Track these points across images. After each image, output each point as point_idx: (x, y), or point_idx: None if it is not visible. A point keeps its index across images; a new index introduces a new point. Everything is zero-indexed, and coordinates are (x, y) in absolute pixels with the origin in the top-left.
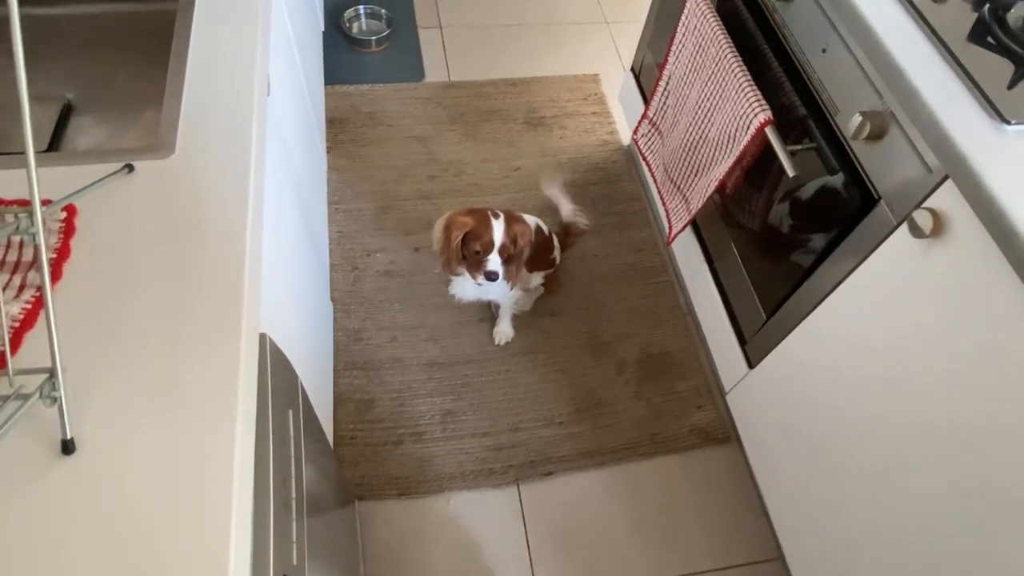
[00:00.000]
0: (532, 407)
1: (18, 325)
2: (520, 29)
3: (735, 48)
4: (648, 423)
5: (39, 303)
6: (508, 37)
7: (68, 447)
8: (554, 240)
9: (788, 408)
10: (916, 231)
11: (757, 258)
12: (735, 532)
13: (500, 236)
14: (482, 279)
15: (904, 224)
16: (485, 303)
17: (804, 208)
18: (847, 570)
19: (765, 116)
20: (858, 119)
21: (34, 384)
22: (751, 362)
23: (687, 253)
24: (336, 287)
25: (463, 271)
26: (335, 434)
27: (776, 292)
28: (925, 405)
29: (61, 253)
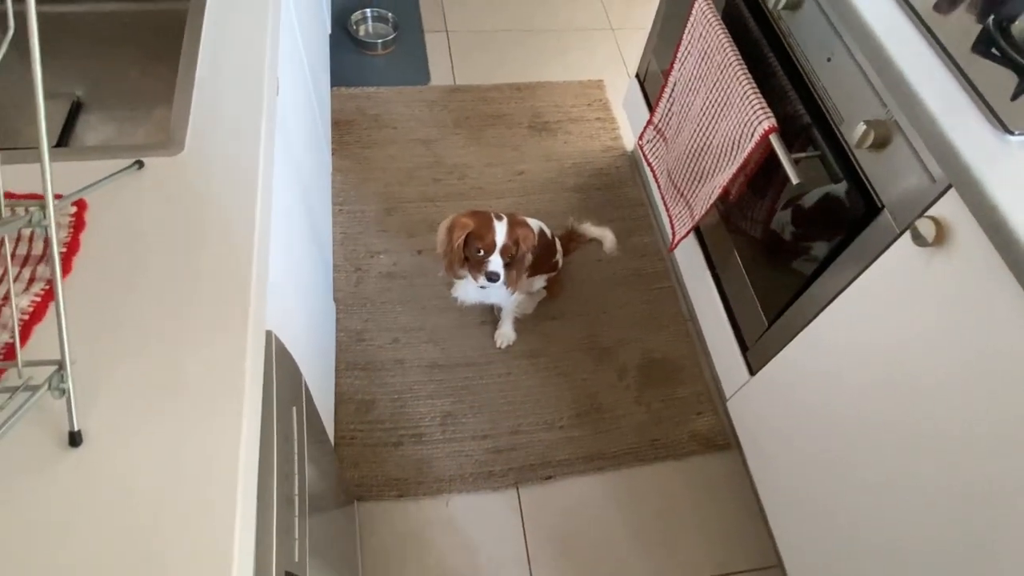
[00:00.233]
0: (532, 410)
1: (27, 318)
2: (526, 34)
3: (740, 56)
4: (648, 428)
5: (48, 296)
6: (513, 42)
7: (75, 439)
8: (557, 244)
9: (789, 415)
10: (919, 240)
11: (759, 265)
12: (734, 539)
13: (502, 237)
14: (483, 280)
15: (907, 232)
16: (487, 306)
17: (807, 216)
18: None
19: (769, 124)
20: (862, 128)
21: (43, 376)
22: (752, 369)
23: (689, 259)
24: (339, 288)
25: (465, 273)
26: (336, 434)
27: (778, 299)
28: (927, 413)
29: (71, 247)
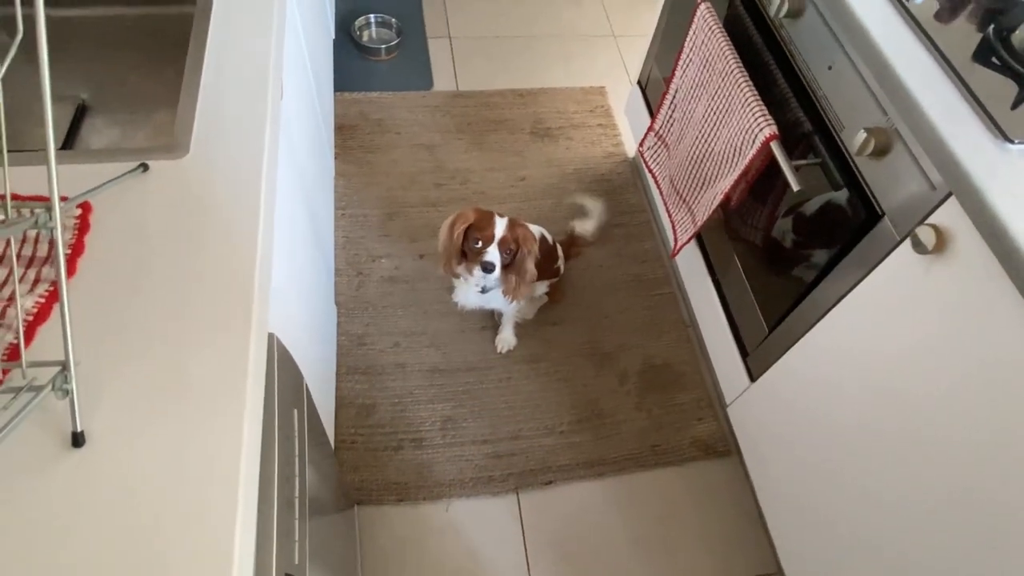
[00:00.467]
0: (533, 416)
1: (32, 318)
2: (528, 41)
3: (742, 63)
4: (649, 434)
5: (52, 297)
6: (516, 48)
7: (78, 440)
8: (558, 250)
9: (789, 422)
10: (919, 247)
11: (760, 272)
12: (734, 545)
13: (502, 231)
14: (478, 271)
15: (907, 240)
16: (488, 311)
17: (808, 223)
18: None
19: (770, 131)
20: (863, 135)
21: (46, 376)
22: (752, 375)
23: (690, 265)
24: (340, 291)
25: (462, 270)
26: (336, 438)
27: (779, 306)
28: (927, 421)
29: (76, 249)
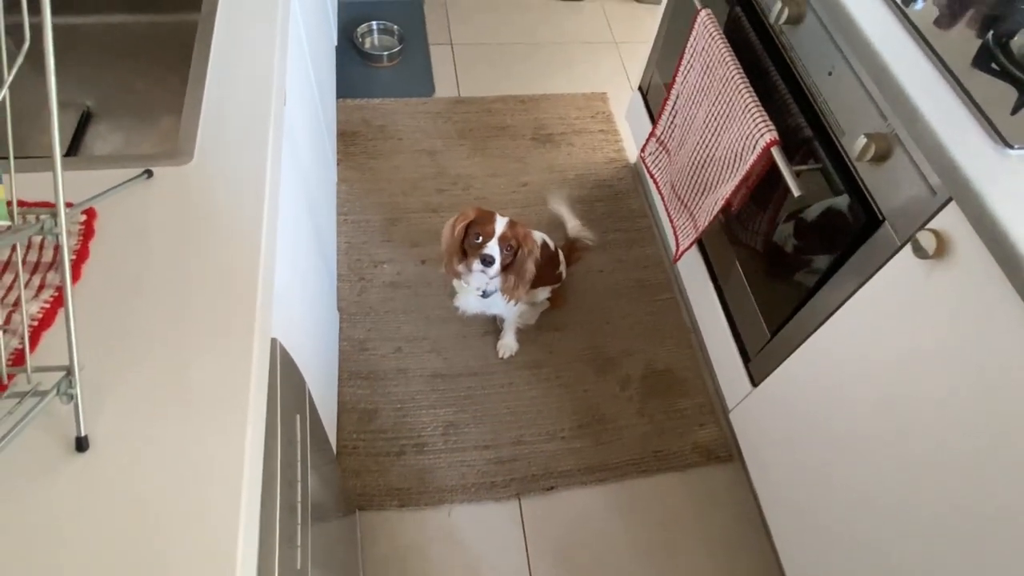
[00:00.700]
0: (535, 421)
1: (37, 324)
2: (530, 47)
3: (742, 69)
4: (651, 440)
5: (57, 303)
6: (518, 55)
7: (82, 444)
8: (560, 256)
9: (791, 428)
10: (920, 252)
11: (761, 277)
12: (736, 551)
13: (502, 228)
14: (478, 263)
15: (908, 245)
16: (489, 316)
17: (808, 228)
18: None
19: (771, 136)
20: (863, 141)
21: (51, 381)
22: (754, 380)
23: (692, 271)
24: (342, 297)
25: (462, 270)
26: (338, 443)
27: (780, 311)
28: (927, 426)
29: (80, 255)
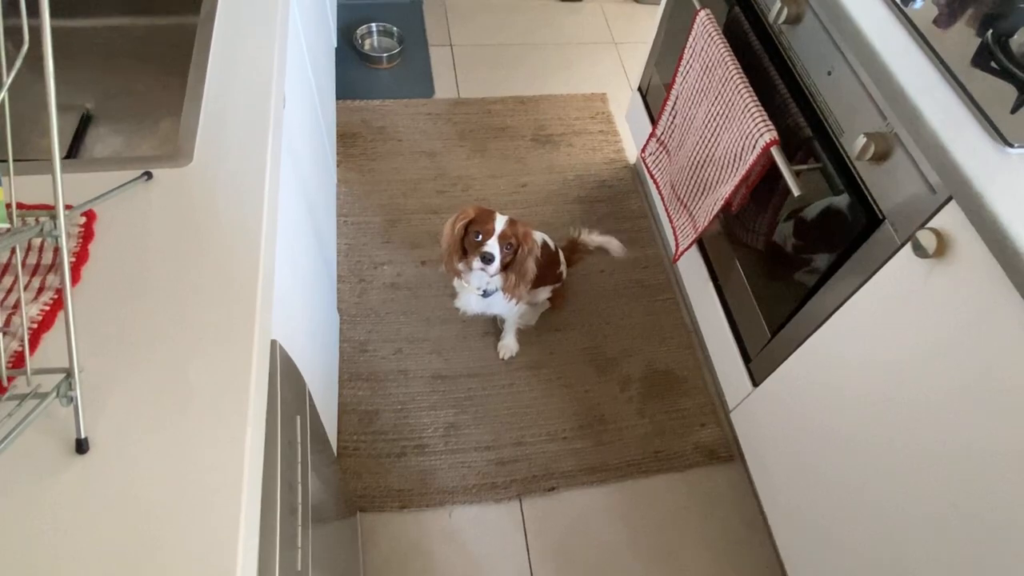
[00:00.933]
0: (535, 422)
1: (36, 326)
2: (529, 48)
3: (741, 69)
4: (651, 440)
5: (57, 305)
6: (517, 56)
7: (82, 446)
8: (560, 256)
9: (792, 428)
10: (920, 251)
11: (762, 277)
12: (738, 551)
13: (502, 226)
14: (478, 260)
15: (908, 244)
16: (490, 317)
17: (808, 228)
18: None
19: (771, 136)
20: (863, 140)
21: (51, 384)
22: (755, 380)
23: (692, 271)
24: (343, 298)
25: (462, 268)
26: (338, 445)
27: (780, 311)
28: (928, 426)
29: (80, 257)
